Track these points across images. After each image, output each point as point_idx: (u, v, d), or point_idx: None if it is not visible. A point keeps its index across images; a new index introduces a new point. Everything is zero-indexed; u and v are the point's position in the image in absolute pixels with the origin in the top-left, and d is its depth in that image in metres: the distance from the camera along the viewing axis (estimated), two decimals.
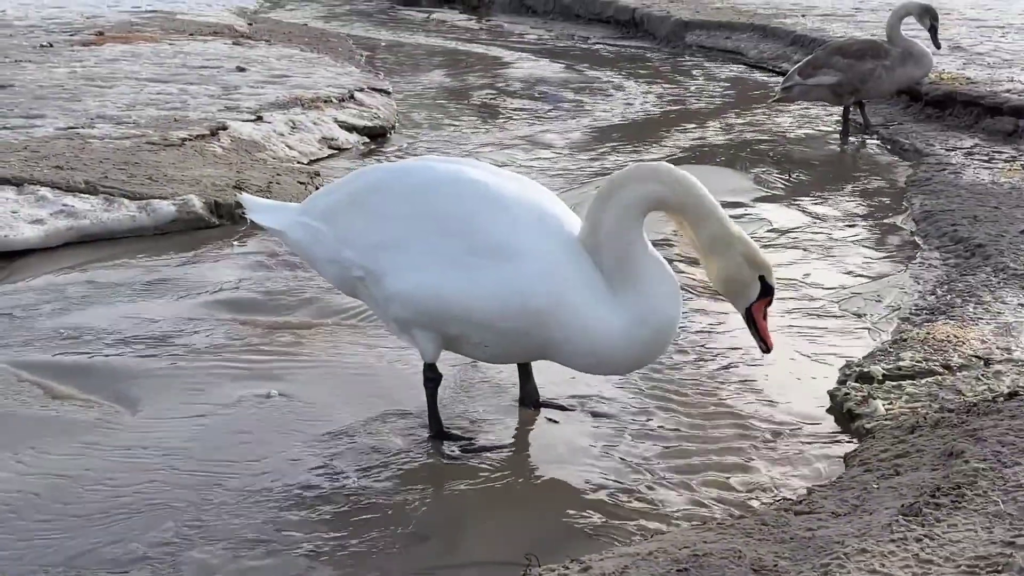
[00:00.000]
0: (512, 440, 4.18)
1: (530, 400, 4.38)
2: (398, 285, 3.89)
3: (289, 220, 4.26)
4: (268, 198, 6.91)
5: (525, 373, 4.38)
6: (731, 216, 6.86)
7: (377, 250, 3.94)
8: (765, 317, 3.88)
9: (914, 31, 11.91)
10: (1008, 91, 9.55)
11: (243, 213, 4.56)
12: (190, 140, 8.26)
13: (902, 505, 3.04)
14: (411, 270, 3.86)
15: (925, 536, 2.85)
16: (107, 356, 4.89)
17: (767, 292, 3.84)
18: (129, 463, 3.96)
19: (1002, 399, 3.87)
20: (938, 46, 10.02)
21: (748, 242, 3.81)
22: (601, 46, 17.12)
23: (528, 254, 3.75)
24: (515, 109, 11.37)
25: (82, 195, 6.78)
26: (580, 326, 3.75)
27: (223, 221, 6.86)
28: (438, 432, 4.13)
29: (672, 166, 3.80)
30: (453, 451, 4.06)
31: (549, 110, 11.31)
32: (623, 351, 3.79)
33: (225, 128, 8.67)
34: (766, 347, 3.91)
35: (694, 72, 14.13)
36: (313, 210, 4.21)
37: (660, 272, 3.80)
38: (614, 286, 3.77)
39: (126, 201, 6.78)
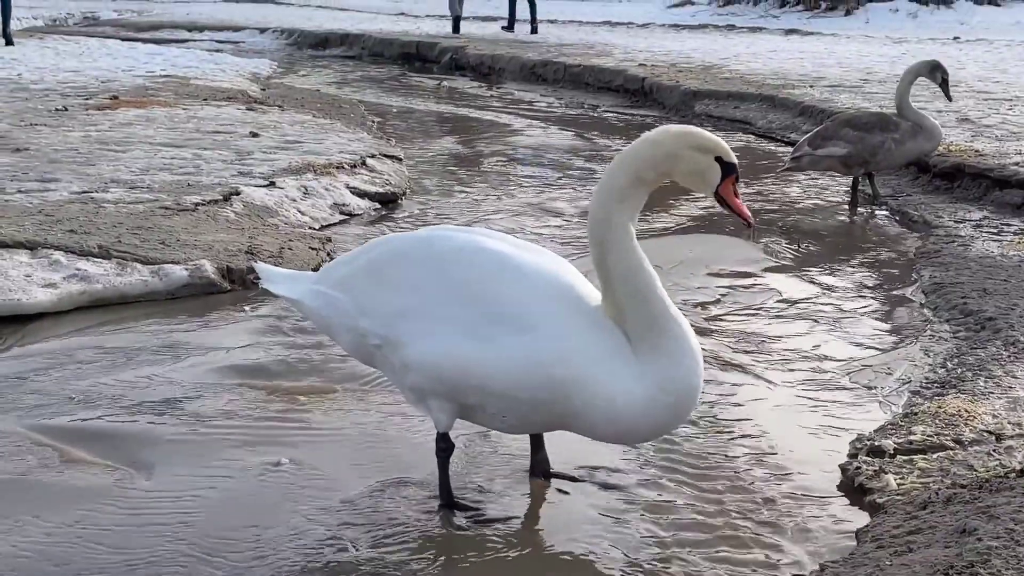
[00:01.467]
0: (522, 511, 4.17)
1: (540, 470, 4.37)
2: (416, 354, 3.90)
3: (305, 289, 4.30)
4: (280, 263, 7.01)
5: (537, 443, 4.38)
6: (739, 286, 6.91)
7: (395, 319, 3.96)
8: (736, 195, 3.84)
9: (921, 102, 12.00)
10: (1017, 164, 9.61)
11: (256, 280, 4.58)
12: (203, 205, 8.32)
13: None
14: (429, 339, 3.87)
15: None
16: (119, 421, 4.90)
17: (730, 170, 3.79)
18: (139, 529, 3.96)
19: (1014, 475, 3.86)
20: (951, 99, 10.66)
21: (690, 132, 3.79)
22: (611, 114, 17.25)
23: (547, 324, 3.76)
24: (525, 176, 11.44)
25: (95, 259, 6.82)
26: (601, 395, 3.73)
27: (235, 286, 6.89)
28: (449, 502, 4.12)
29: (610, 184, 3.80)
30: (463, 522, 4.05)
31: (559, 177, 11.38)
32: (645, 420, 3.76)
33: (238, 193, 8.73)
34: (746, 223, 3.86)
35: None
36: (330, 279, 4.25)
37: (684, 338, 3.77)
38: (638, 351, 3.75)
39: (139, 265, 6.82)
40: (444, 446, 4.08)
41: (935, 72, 9.82)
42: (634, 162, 3.76)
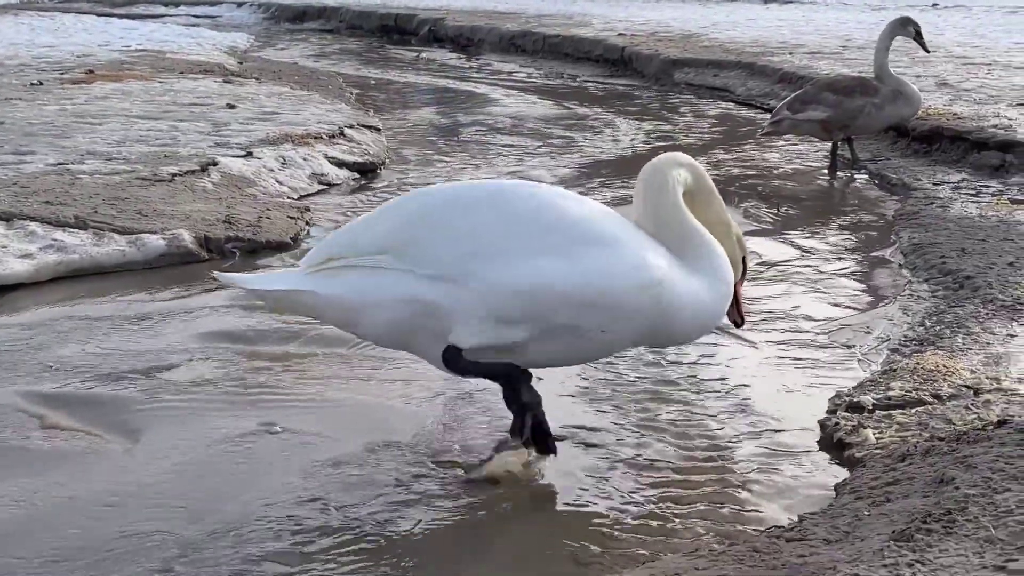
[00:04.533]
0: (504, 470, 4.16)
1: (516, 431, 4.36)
2: (505, 278, 3.79)
3: (311, 276, 3.99)
4: (258, 232, 6.99)
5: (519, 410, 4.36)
6: None
7: (468, 260, 3.82)
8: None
9: (900, 68, 11.99)
10: (994, 126, 9.63)
11: (248, 289, 4.15)
12: (180, 176, 8.27)
13: (893, 531, 3.04)
14: (516, 265, 3.81)
15: (917, 561, 2.84)
16: (100, 388, 4.86)
17: (743, 274, 4.42)
18: (120, 493, 3.93)
19: (992, 427, 3.88)
20: (928, 50, 10.79)
21: (736, 226, 4.37)
22: (590, 84, 17.22)
23: (623, 238, 3.92)
24: (504, 145, 11.42)
25: (72, 230, 6.77)
26: (682, 292, 3.96)
27: (212, 255, 6.86)
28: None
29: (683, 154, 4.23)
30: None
31: (538, 146, 11.36)
32: (716, 309, 4.13)
33: (215, 164, 8.69)
34: (742, 320, 4.47)
35: (682, 109, 14.21)
36: (355, 246, 3.98)
37: (711, 238, 4.14)
38: (686, 260, 4.04)
39: (116, 236, 6.78)
40: (515, 374, 4.03)
41: (907, 26, 9.84)
42: (712, 185, 4.30)
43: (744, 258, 4.37)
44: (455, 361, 3.93)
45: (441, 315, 3.86)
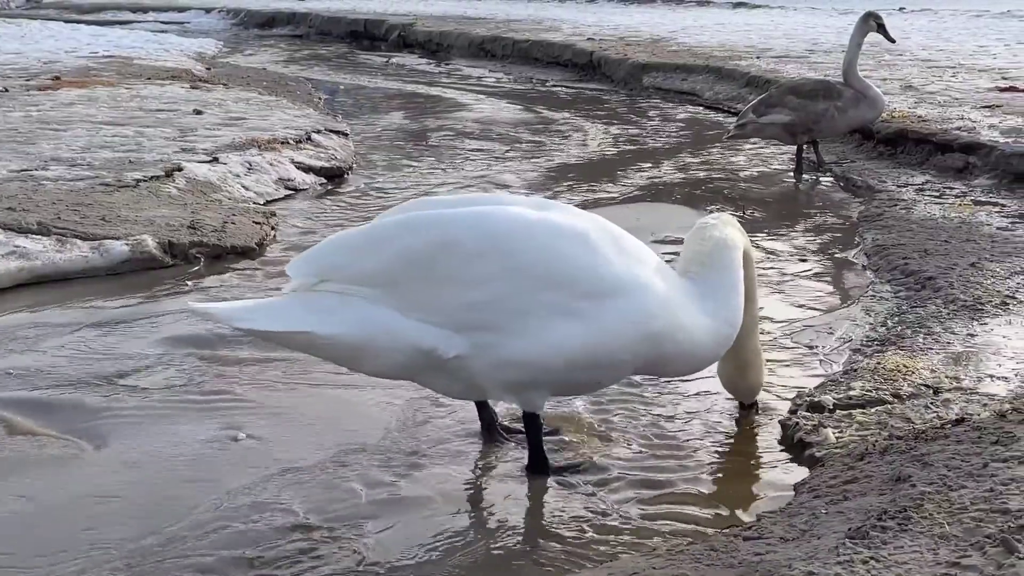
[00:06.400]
0: (466, 468, 4.17)
1: (486, 427, 4.38)
2: (518, 352, 3.72)
3: (305, 311, 3.74)
4: (223, 238, 6.95)
5: (483, 403, 4.37)
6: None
7: (471, 319, 3.70)
8: None
9: (866, 70, 12.07)
10: (958, 129, 9.72)
11: (228, 324, 3.78)
12: (144, 181, 8.23)
13: (849, 529, 3.06)
14: (526, 332, 3.71)
15: (872, 558, 2.86)
16: (63, 394, 4.82)
17: None
18: (83, 498, 3.91)
19: (949, 425, 3.91)
20: (893, 40, 10.59)
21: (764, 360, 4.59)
22: (559, 88, 17.25)
23: (632, 282, 3.82)
24: (472, 150, 11.42)
25: (34, 236, 6.72)
26: (687, 336, 3.96)
27: (177, 261, 6.82)
28: (548, 471, 4.08)
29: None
30: (577, 480, 4.07)
31: (507, 151, 11.36)
32: (714, 350, 4.13)
33: (180, 169, 8.65)
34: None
35: (650, 113, 14.26)
36: (346, 271, 3.78)
37: (740, 285, 4.18)
38: (700, 290, 4.07)
39: (79, 242, 6.73)
40: (539, 422, 4.03)
41: (869, 20, 9.92)
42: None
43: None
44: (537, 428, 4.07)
45: (458, 363, 3.77)
